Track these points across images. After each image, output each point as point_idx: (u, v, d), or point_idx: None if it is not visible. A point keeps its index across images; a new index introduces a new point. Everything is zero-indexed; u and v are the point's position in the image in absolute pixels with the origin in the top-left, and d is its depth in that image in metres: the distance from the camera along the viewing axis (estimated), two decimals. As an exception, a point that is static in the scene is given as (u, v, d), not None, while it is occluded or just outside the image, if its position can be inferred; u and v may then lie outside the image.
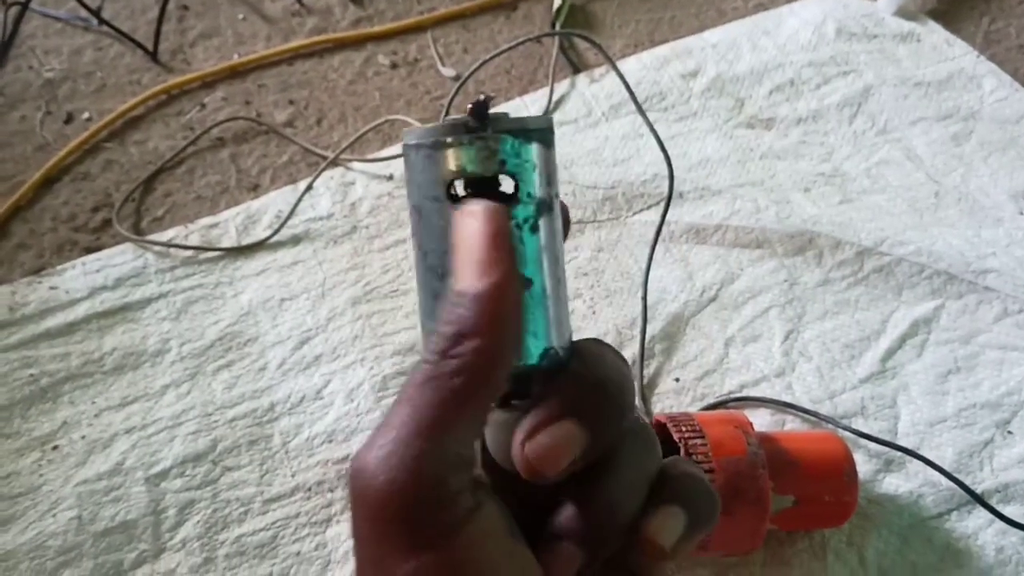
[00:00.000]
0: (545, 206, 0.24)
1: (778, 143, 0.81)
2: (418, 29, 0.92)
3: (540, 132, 0.24)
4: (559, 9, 0.93)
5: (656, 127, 0.76)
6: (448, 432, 0.21)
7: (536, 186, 0.24)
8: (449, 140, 0.23)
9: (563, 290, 0.25)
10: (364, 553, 0.22)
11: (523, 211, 0.24)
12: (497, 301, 0.21)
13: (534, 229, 0.24)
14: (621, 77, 0.79)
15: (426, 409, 0.21)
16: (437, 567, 0.21)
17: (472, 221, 0.22)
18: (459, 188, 0.24)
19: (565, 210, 0.26)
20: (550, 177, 0.24)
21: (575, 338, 0.26)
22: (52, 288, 0.69)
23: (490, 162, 0.23)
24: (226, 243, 0.72)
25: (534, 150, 0.24)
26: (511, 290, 0.21)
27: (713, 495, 0.25)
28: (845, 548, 0.57)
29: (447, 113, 0.81)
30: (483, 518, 0.22)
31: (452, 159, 0.23)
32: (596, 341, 0.26)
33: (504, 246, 0.21)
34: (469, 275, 0.21)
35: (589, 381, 0.23)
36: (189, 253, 0.72)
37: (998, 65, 0.87)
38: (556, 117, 0.82)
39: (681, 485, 0.25)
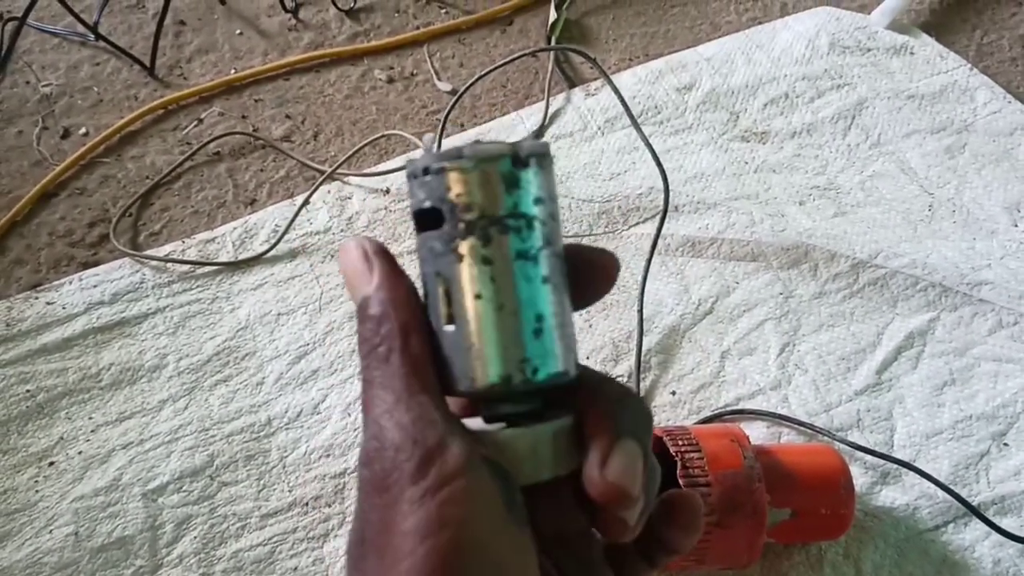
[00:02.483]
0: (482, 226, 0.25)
1: (773, 156, 0.81)
2: (414, 44, 0.93)
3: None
4: (554, 23, 0.93)
5: (651, 141, 0.76)
6: (422, 392, 0.25)
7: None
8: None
9: (551, 314, 0.26)
10: (370, 518, 0.24)
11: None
12: (387, 290, 0.26)
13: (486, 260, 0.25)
14: (616, 91, 0.79)
15: (392, 390, 0.25)
16: (432, 517, 0.23)
17: (343, 254, 0.28)
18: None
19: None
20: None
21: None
22: (49, 303, 0.69)
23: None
24: (223, 258, 0.72)
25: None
26: (389, 283, 0.26)
27: None
28: (842, 561, 0.57)
29: (443, 127, 0.82)
30: (479, 478, 0.24)
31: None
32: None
33: (366, 259, 0.27)
34: (356, 290, 0.27)
35: (617, 396, 0.27)
36: (186, 268, 0.72)
37: (991, 78, 0.88)
38: (553, 130, 0.83)
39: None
